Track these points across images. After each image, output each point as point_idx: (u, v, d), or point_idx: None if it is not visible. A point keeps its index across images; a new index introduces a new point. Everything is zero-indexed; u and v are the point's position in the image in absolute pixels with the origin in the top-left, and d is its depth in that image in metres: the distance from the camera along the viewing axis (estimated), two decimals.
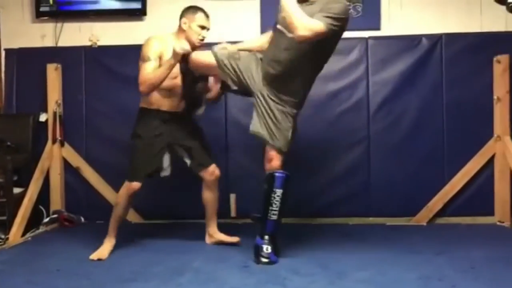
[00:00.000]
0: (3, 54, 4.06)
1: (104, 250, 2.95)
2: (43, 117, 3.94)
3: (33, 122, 3.89)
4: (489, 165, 3.71)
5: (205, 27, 3.03)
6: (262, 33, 3.94)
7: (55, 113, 3.88)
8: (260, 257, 2.76)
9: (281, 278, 2.51)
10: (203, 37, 3.03)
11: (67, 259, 2.90)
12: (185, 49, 2.81)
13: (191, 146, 3.10)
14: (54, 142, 3.88)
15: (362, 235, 3.40)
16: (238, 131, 3.83)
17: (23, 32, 4.08)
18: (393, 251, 2.97)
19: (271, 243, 2.77)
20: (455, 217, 3.73)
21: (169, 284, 2.47)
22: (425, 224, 3.71)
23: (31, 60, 3.98)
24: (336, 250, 3.00)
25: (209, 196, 3.16)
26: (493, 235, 3.39)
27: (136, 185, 2.96)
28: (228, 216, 3.81)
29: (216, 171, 3.14)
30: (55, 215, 3.82)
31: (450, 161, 3.74)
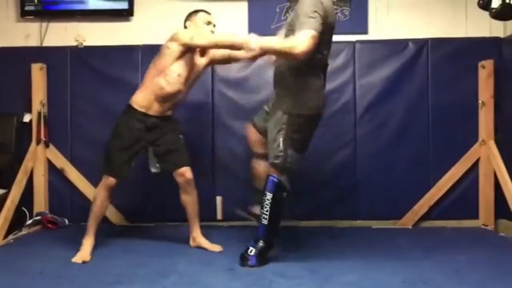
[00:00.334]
0: None
1: (86, 252, 2.92)
2: (27, 118, 3.89)
3: (17, 122, 3.84)
4: (473, 169, 3.75)
5: (211, 22, 3.02)
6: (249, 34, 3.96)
7: (39, 113, 3.84)
8: (242, 258, 2.75)
9: (267, 281, 2.50)
10: (212, 31, 3.00)
11: (50, 262, 2.85)
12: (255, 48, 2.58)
13: (165, 149, 3.04)
14: (38, 143, 3.83)
15: (348, 238, 3.41)
16: (225, 133, 3.83)
17: (7, 31, 4.02)
18: (379, 255, 2.98)
19: (258, 247, 2.74)
20: (440, 220, 3.76)
21: (154, 287, 2.44)
22: (410, 227, 3.73)
23: (15, 60, 3.92)
24: (323, 253, 3.00)
25: (185, 198, 3.10)
26: (477, 238, 3.42)
27: (112, 181, 2.95)
28: (214, 218, 3.80)
29: (186, 173, 3.05)
30: (38, 217, 3.76)
31: (435, 164, 3.78)
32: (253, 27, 3.94)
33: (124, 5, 3.93)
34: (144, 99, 2.97)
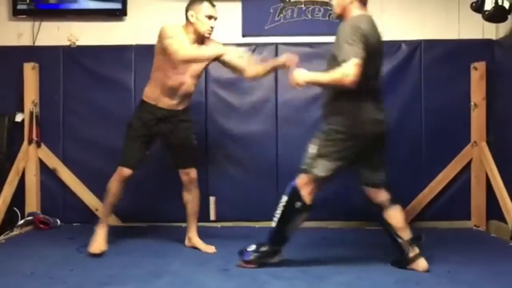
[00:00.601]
0: None
1: (101, 241, 2.98)
2: (19, 117, 3.86)
3: (9, 122, 3.82)
4: (466, 170, 3.78)
5: (212, 17, 2.97)
6: (243, 35, 3.97)
7: (31, 113, 3.82)
8: (240, 251, 2.75)
9: (261, 282, 2.49)
10: (212, 27, 2.97)
11: (42, 262, 2.83)
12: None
13: (175, 144, 3.08)
14: (30, 142, 3.81)
15: (341, 239, 3.41)
16: (218, 134, 3.82)
17: None
18: (371, 255, 2.98)
19: (260, 247, 2.71)
20: (432, 221, 3.78)
21: (146, 287, 2.43)
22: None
23: (7, 59, 3.90)
24: (316, 254, 3.01)
25: (186, 197, 3.15)
26: (469, 239, 3.44)
27: (127, 171, 2.99)
28: (207, 219, 3.79)
29: (191, 173, 3.11)
30: (30, 217, 3.74)
31: (428, 166, 3.79)
32: (247, 28, 3.95)
33: (117, 5, 3.92)
34: (152, 92, 3.02)
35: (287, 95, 3.86)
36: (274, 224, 2.69)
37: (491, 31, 3.84)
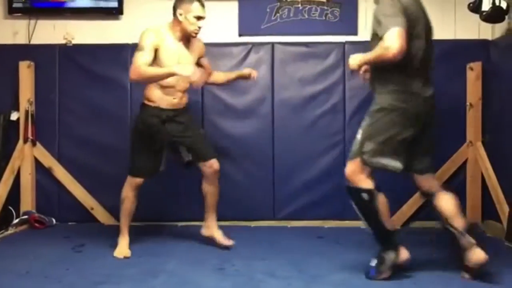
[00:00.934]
0: None
1: (124, 247, 2.97)
2: (14, 116, 3.84)
3: (4, 120, 3.79)
4: (461, 170, 3.78)
5: (201, 17, 2.95)
6: (240, 34, 3.96)
7: (27, 111, 3.80)
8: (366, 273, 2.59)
9: (256, 281, 2.49)
10: (199, 27, 2.96)
11: (37, 261, 2.83)
12: (195, 80, 2.78)
13: (190, 141, 3.05)
14: (25, 141, 3.79)
15: (337, 238, 3.42)
16: (215, 133, 3.81)
17: None
18: (368, 254, 2.98)
19: (377, 256, 2.58)
20: (428, 221, 3.77)
21: (142, 287, 2.43)
22: (399, 227, 3.74)
23: (2, 57, 3.88)
24: (312, 253, 3.01)
25: (208, 188, 3.11)
26: None
27: (139, 180, 2.99)
28: (203, 218, 3.77)
29: (214, 165, 3.07)
30: (25, 216, 3.72)
31: None
32: (244, 27, 3.94)
33: (114, 3, 3.90)
34: (153, 94, 2.98)
35: (284, 95, 3.87)
36: (369, 230, 2.59)
37: (487, 32, 3.85)
